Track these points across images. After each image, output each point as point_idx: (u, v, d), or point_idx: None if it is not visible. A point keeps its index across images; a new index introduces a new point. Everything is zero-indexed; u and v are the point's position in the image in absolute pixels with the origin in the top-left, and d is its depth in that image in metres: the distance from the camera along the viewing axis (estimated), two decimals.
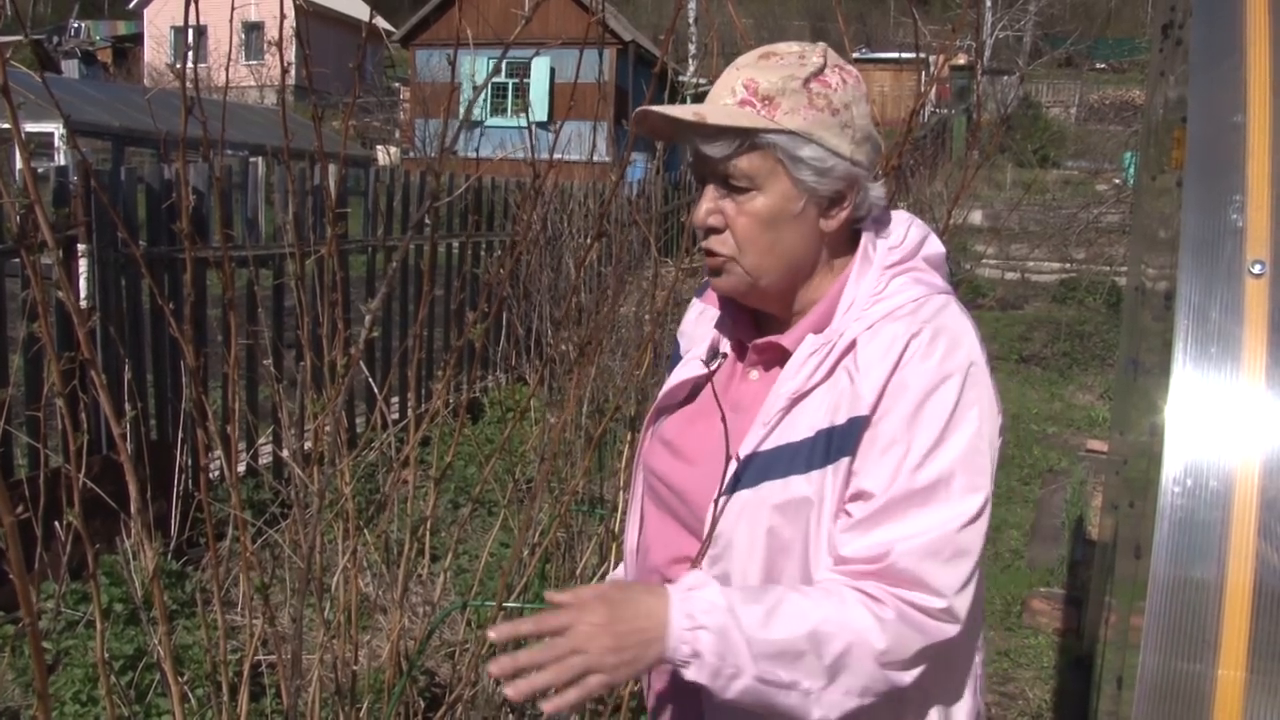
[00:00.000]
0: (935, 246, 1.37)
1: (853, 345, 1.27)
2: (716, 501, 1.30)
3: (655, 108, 1.29)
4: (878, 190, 1.33)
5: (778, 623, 1.15)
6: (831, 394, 1.26)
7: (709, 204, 1.31)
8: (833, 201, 1.29)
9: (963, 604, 1.19)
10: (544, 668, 1.11)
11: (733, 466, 1.29)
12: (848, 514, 1.23)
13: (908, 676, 1.19)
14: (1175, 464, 1.29)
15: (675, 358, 1.52)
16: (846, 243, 1.36)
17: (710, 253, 1.33)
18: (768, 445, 1.27)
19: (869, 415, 1.22)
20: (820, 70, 1.27)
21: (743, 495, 1.28)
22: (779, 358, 1.36)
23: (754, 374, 1.39)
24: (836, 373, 1.27)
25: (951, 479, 1.19)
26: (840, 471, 1.23)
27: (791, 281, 1.33)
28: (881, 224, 1.37)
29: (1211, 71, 1.44)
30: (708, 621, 1.14)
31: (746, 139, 1.25)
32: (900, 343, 1.23)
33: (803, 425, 1.26)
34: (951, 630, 1.19)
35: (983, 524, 1.20)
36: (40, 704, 1.20)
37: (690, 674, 1.15)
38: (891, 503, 1.19)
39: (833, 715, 1.18)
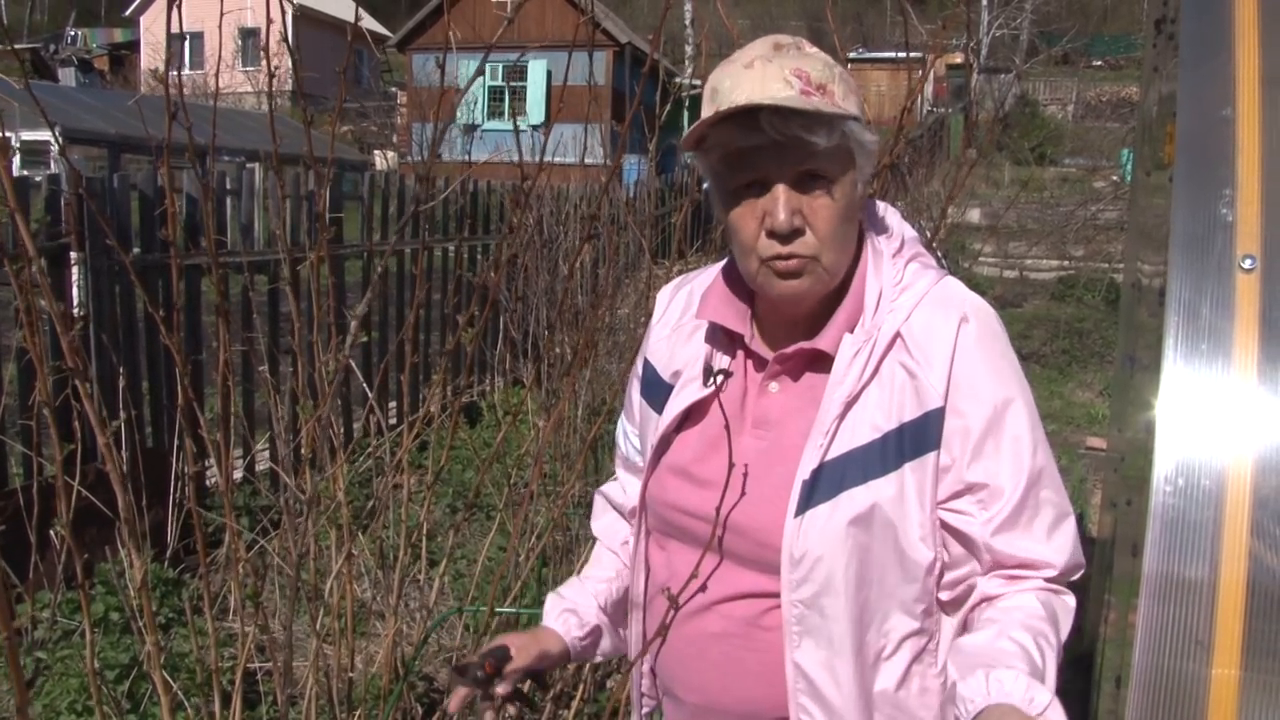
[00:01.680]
0: (910, 228, 1.38)
1: (895, 339, 1.25)
2: (773, 523, 1.26)
3: (768, 101, 1.17)
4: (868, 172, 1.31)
5: (1050, 679, 1.22)
6: (888, 391, 1.24)
7: (788, 206, 1.22)
8: (868, 182, 1.29)
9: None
10: None
11: (799, 484, 1.24)
12: (968, 512, 1.25)
13: None
14: (1167, 462, 1.28)
15: (653, 383, 1.45)
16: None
17: (788, 255, 1.24)
18: (833, 454, 1.24)
19: (943, 406, 1.23)
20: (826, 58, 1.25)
21: (820, 511, 1.23)
22: (809, 363, 1.31)
23: (774, 386, 1.33)
24: (885, 368, 1.25)
25: (1044, 444, 1.26)
26: (926, 466, 1.23)
27: (844, 269, 1.29)
28: (867, 213, 1.36)
29: (1201, 67, 1.44)
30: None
31: (836, 126, 1.20)
32: (950, 331, 1.24)
33: (864, 427, 1.24)
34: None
35: (1056, 469, 1.28)
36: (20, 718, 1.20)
37: None
38: (1027, 494, 1.24)
39: None
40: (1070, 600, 1.27)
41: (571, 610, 1.51)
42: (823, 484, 1.23)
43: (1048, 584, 1.25)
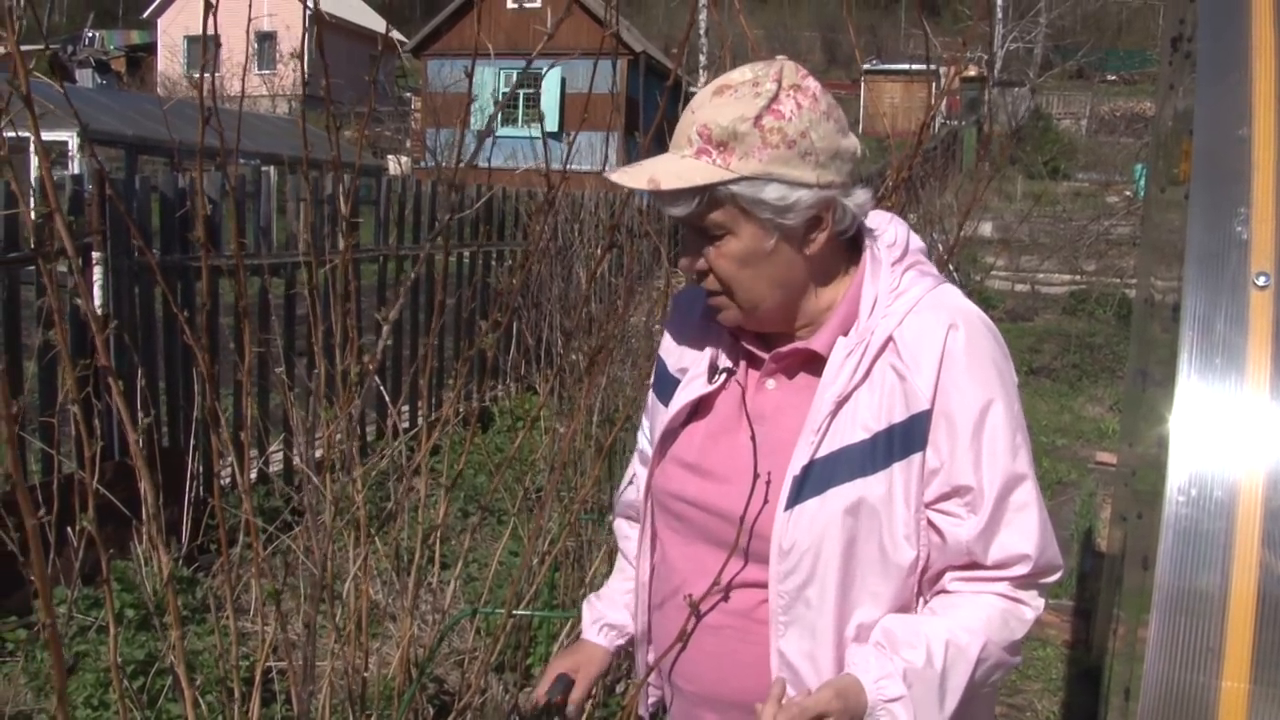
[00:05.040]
0: (918, 239, 1.42)
1: (888, 343, 1.30)
2: (765, 515, 1.33)
3: (614, 178, 1.32)
4: (859, 197, 1.33)
5: (950, 691, 1.27)
6: (879, 393, 1.29)
7: (689, 255, 1.35)
8: (809, 228, 1.30)
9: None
10: None
11: (790, 479, 1.31)
12: (955, 513, 1.30)
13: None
14: (1180, 474, 1.30)
15: (663, 378, 1.52)
16: (845, 248, 1.37)
17: (707, 291, 1.37)
18: (823, 452, 1.30)
19: (930, 409, 1.28)
20: (774, 99, 1.25)
21: (809, 505, 1.29)
22: (802, 363, 1.37)
23: (770, 384, 1.40)
24: (876, 371, 1.30)
25: (1024, 448, 1.31)
26: (912, 467, 1.29)
27: (788, 303, 1.35)
28: (872, 223, 1.40)
29: (1218, 84, 1.45)
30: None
31: (704, 195, 1.27)
32: (939, 336, 1.28)
33: (855, 427, 1.29)
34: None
35: (1034, 478, 1.34)
36: (59, 706, 1.22)
37: None
38: (1006, 496, 1.29)
39: None
40: (1028, 613, 1.34)
41: (609, 624, 1.63)
42: (813, 479, 1.29)
43: (1015, 588, 1.33)
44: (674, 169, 1.28)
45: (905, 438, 1.28)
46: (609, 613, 1.63)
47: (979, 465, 1.28)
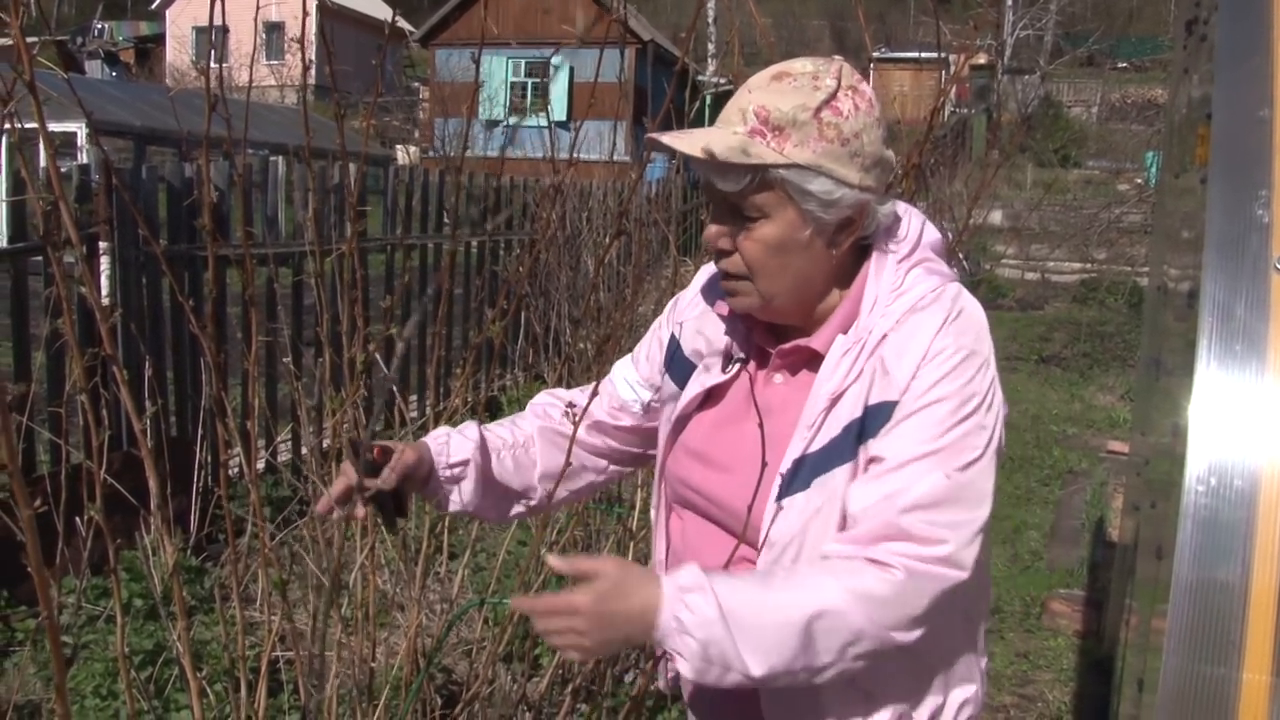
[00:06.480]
0: (933, 233, 1.40)
1: (882, 340, 1.30)
2: (758, 506, 1.33)
3: (664, 138, 1.32)
4: (888, 208, 1.35)
5: (770, 625, 1.19)
6: (865, 385, 1.29)
7: (717, 228, 1.34)
8: (840, 228, 1.32)
9: (968, 554, 1.22)
10: (545, 623, 1.22)
11: (781, 472, 1.32)
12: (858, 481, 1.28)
13: (915, 633, 1.23)
14: (1199, 463, 1.28)
15: (676, 357, 1.53)
16: (857, 249, 1.38)
17: (724, 273, 1.36)
18: (815, 447, 1.30)
19: (899, 400, 1.26)
20: (833, 95, 1.27)
21: (798, 499, 1.30)
22: (805, 361, 1.38)
23: (778, 378, 1.41)
24: (867, 367, 1.30)
25: (960, 440, 1.24)
26: (867, 452, 1.28)
27: (804, 299, 1.36)
28: (882, 220, 1.38)
29: (1238, 68, 1.43)
30: (695, 631, 1.18)
31: (756, 175, 1.27)
32: (928, 336, 1.27)
33: (842, 422, 1.30)
34: (956, 575, 1.22)
35: (985, 482, 1.24)
36: (59, 698, 1.21)
37: (680, 668, 1.20)
38: (900, 463, 1.24)
39: (838, 675, 1.23)
40: (887, 576, 1.20)
41: (449, 441, 1.53)
42: (802, 474, 1.30)
43: (880, 549, 1.22)
44: (728, 142, 1.27)
45: (872, 423, 1.28)
46: (459, 435, 1.54)
47: (896, 438, 1.25)
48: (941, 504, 1.22)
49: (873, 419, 1.27)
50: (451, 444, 1.52)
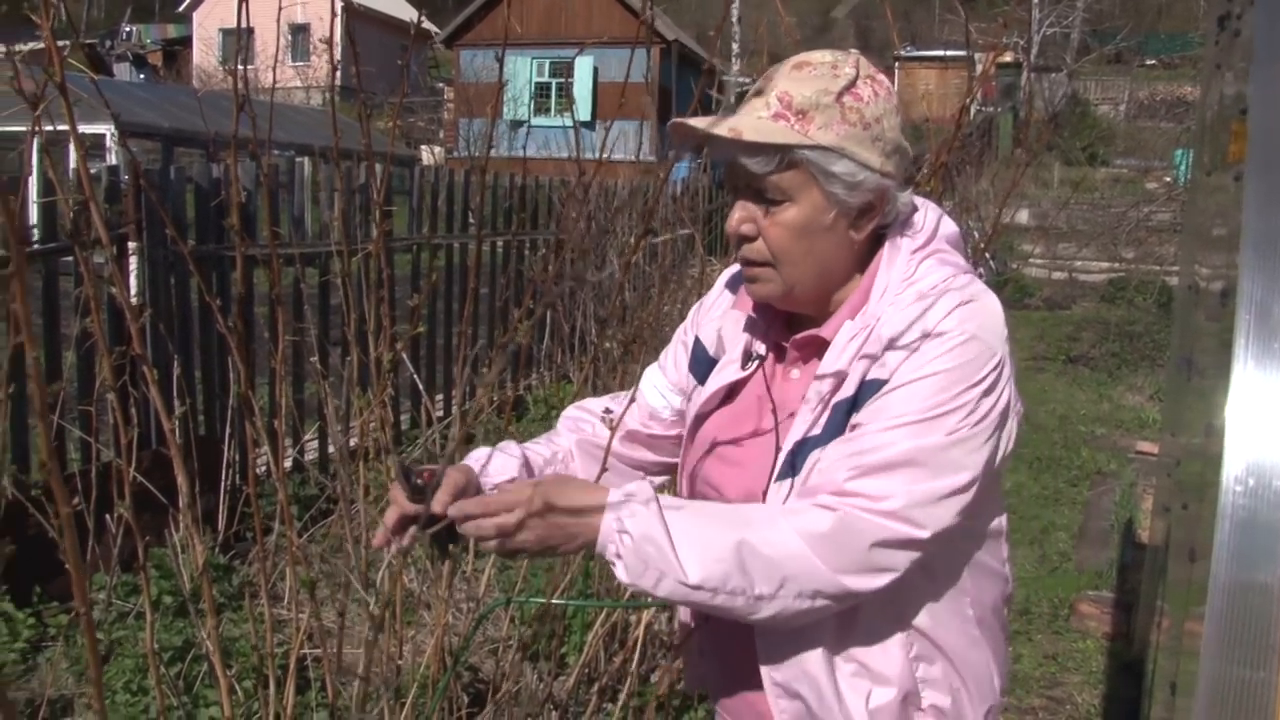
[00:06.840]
0: (950, 226, 1.41)
1: (887, 325, 1.30)
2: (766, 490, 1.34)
3: (691, 121, 1.33)
4: (905, 197, 1.36)
5: (709, 533, 1.21)
6: (863, 369, 1.30)
7: (741, 213, 1.34)
8: (862, 212, 1.32)
9: (925, 514, 1.21)
10: (478, 525, 1.25)
11: (783, 456, 1.33)
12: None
13: (866, 581, 1.21)
14: (1237, 463, 1.26)
15: (698, 356, 1.55)
16: (874, 241, 1.38)
17: (746, 261, 1.37)
18: (815, 430, 1.31)
19: (889, 377, 1.27)
20: (853, 83, 1.30)
21: (795, 480, 1.31)
22: (817, 350, 1.38)
23: (795, 372, 1.42)
24: (871, 350, 1.30)
25: (942, 416, 1.23)
26: (851, 423, 1.29)
27: (825, 286, 1.37)
28: (897, 212, 1.38)
29: (1275, 63, 1.41)
30: (634, 529, 1.20)
31: (783, 155, 1.28)
32: (930, 323, 1.26)
33: (841, 404, 1.31)
34: (906, 530, 1.20)
35: (964, 456, 1.23)
36: (95, 693, 1.22)
37: (617, 573, 1.23)
38: (873, 430, 1.24)
39: (785, 616, 1.23)
40: (826, 514, 1.21)
41: (492, 460, 1.52)
42: (801, 455, 1.32)
43: (831, 498, 1.23)
44: (754, 124, 1.29)
45: (860, 397, 1.28)
46: (500, 455, 1.53)
47: (879, 409, 1.25)
48: (899, 467, 1.22)
49: (864, 394, 1.28)
50: (494, 463, 1.51)
